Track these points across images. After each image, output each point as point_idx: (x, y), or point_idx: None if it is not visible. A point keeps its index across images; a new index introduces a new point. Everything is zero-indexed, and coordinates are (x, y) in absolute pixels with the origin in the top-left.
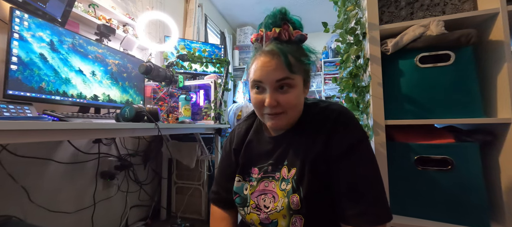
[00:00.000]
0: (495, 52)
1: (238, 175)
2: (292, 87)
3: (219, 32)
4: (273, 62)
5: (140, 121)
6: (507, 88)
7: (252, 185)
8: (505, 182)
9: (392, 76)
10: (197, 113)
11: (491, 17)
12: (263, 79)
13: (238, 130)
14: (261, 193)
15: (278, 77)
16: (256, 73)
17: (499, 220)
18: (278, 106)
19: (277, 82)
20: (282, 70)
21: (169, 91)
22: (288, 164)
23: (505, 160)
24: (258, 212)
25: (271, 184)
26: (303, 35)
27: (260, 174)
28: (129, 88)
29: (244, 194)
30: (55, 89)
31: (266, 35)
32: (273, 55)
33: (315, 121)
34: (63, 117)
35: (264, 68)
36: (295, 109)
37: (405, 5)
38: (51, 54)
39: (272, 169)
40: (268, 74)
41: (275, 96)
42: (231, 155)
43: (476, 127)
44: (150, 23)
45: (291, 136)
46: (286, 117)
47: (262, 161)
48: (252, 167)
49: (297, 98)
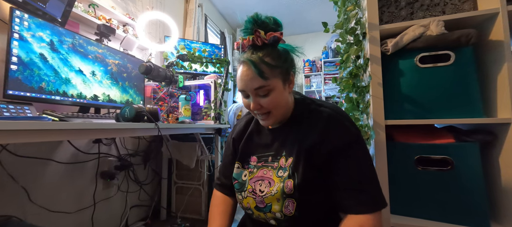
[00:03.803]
0: (495, 52)
1: (237, 162)
2: (270, 90)
3: (219, 32)
4: (249, 71)
5: (140, 121)
6: (507, 88)
7: (251, 171)
8: (505, 182)
9: (392, 76)
10: (197, 113)
11: (491, 17)
12: (244, 88)
13: (239, 123)
14: (259, 179)
15: (255, 86)
16: (239, 82)
17: (499, 220)
18: (262, 108)
19: (256, 90)
20: (258, 80)
21: (169, 91)
22: (286, 155)
23: (505, 160)
24: (253, 196)
25: (269, 172)
26: (276, 36)
27: (260, 162)
28: (129, 88)
29: (242, 180)
30: (55, 89)
31: (243, 44)
32: (248, 65)
33: (312, 117)
34: (63, 117)
35: (243, 78)
36: (279, 108)
37: (405, 5)
38: (51, 54)
39: (272, 159)
40: (246, 83)
41: (257, 101)
42: (230, 145)
43: (476, 127)
44: (150, 23)
45: (288, 129)
46: (273, 115)
47: (261, 150)
48: (251, 156)
49: (277, 99)
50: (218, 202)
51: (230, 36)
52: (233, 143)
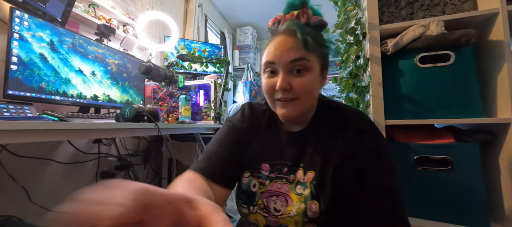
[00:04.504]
0: (495, 52)
1: (247, 170)
2: (308, 70)
3: (219, 32)
4: (288, 41)
5: (140, 121)
6: (507, 88)
7: (262, 183)
8: (505, 182)
9: (392, 76)
10: (197, 113)
11: (491, 17)
12: (276, 59)
13: (250, 112)
14: (273, 194)
15: (293, 57)
16: (269, 54)
17: (499, 220)
18: (291, 90)
19: (292, 63)
20: (298, 50)
21: (169, 91)
22: (304, 166)
23: (505, 160)
24: (266, 214)
25: (284, 186)
26: (323, 21)
27: (274, 173)
28: (129, 88)
29: (251, 191)
30: (55, 89)
31: (284, 18)
32: (289, 34)
33: (339, 126)
34: (63, 117)
35: (278, 48)
36: (309, 96)
37: (405, 5)
38: (51, 54)
39: (288, 170)
40: (282, 53)
41: (288, 79)
42: (235, 134)
43: (476, 127)
44: (150, 23)
45: (307, 134)
46: (299, 104)
47: (274, 157)
48: (263, 163)
49: (312, 83)
50: (188, 177)
51: (230, 36)
52: (241, 134)
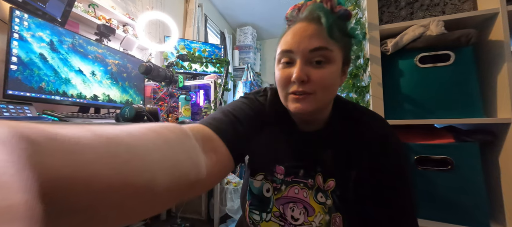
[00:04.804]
0: (495, 52)
1: (260, 172)
2: (330, 62)
3: (219, 32)
4: (310, 27)
5: (140, 121)
6: (507, 88)
7: (277, 187)
8: (505, 182)
9: (392, 76)
10: (197, 113)
11: (491, 17)
12: (294, 47)
13: (275, 99)
14: (290, 200)
15: (314, 45)
16: (285, 43)
17: (499, 220)
18: (308, 83)
19: (312, 52)
20: (320, 38)
21: (169, 91)
22: (323, 172)
23: (505, 160)
24: (282, 222)
25: (302, 192)
26: (348, 11)
27: (289, 176)
28: (129, 88)
29: (264, 196)
30: (55, 89)
31: (305, 5)
32: (311, 20)
33: (356, 126)
34: (63, 117)
35: (298, 34)
36: (327, 92)
37: (405, 5)
38: (51, 54)
39: (304, 174)
40: (301, 40)
41: (306, 70)
42: (263, 117)
43: (476, 127)
44: (150, 23)
45: (325, 136)
46: (315, 100)
47: (289, 159)
48: (277, 165)
49: (332, 77)
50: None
51: (230, 36)
52: (259, 116)
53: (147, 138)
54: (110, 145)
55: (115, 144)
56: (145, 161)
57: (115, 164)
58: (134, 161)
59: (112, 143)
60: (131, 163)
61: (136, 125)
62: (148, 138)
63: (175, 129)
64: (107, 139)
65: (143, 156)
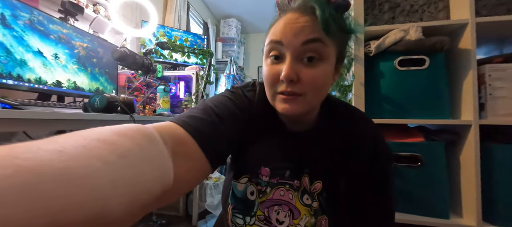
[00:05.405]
0: (463, 59)
1: (244, 175)
2: (323, 59)
3: (202, 22)
4: (302, 18)
5: (113, 112)
6: (471, 92)
7: (261, 190)
8: (464, 178)
9: (373, 77)
10: (176, 106)
11: (462, 27)
12: (284, 38)
13: (263, 96)
14: (275, 203)
15: (306, 37)
16: (275, 33)
17: (456, 211)
18: (298, 83)
19: (304, 45)
20: (314, 30)
21: (146, 80)
22: (310, 173)
23: (465, 158)
24: (267, 226)
25: (288, 193)
26: (346, 1)
27: (275, 178)
28: (99, 75)
29: (248, 199)
30: (7, 72)
31: None
32: (304, 10)
33: (346, 127)
34: (17, 104)
35: (288, 24)
36: (318, 93)
37: (388, 9)
38: (2, 30)
39: (290, 175)
40: (292, 32)
41: (296, 68)
42: (249, 116)
43: (443, 128)
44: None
45: (314, 136)
46: (304, 101)
47: (275, 160)
48: (262, 166)
49: (325, 77)
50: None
51: (214, 27)
52: (246, 115)
53: (93, 154)
54: (26, 177)
55: (36, 174)
56: (88, 188)
57: (35, 204)
58: (68, 192)
59: (32, 173)
60: (63, 196)
61: (79, 136)
62: (95, 154)
63: (136, 134)
64: (28, 169)
65: (83, 183)
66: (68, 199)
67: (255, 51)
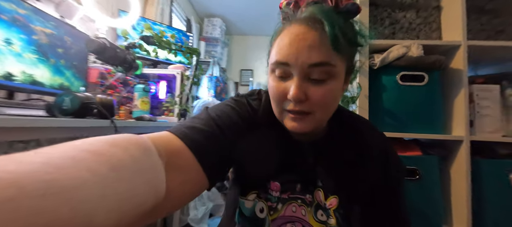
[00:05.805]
0: (456, 78)
1: (253, 191)
2: (332, 77)
3: (185, 19)
4: (310, 34)
5: (86, 117)
6: (463, 109)
7: (272, 206)
8: (454, 191)
9: (376, 90)
10: (156, 108)
11: (455, 48)
12: (291, 60)
13: (269, 107)
14: (287, 220)
15: (314, 60)
16: (280, 52)
17: (448, 222)
18: (306, 102)
19: (311, 68)
20: (322, 50)
21: (123, 78)
22: (324, 187)
23: (456, 172)
24: None
25: (300, 209)
26: (356, 5)
27: (286, 193)
28: (65, 69)
29: (257, 217)
30: None
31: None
32: (312, 24)
33: (357, 138)
34: None
35: (295, 43)
36: (327, 110)
37: (388, 24)
38: None
39: (302, 189)
40: (299, 52)
41: (304, 87)
42: (253, 127)
43: (435, 142)
44: None
45: (325, 147)
46: (314, 119)
47: (285, 173)
48: (271, 181)
49: (334, 94)
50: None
51: (197, 25)
52: (244, 130)
53: (83, 166)
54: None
55: (18, 187)
56: (75, 202)
57: (17, 221)
58: (53, 206)
59: (14, 187)
60: (48, 211)
61: (68, 147)
62: (85, 166)
63: (130, 144)
64: (10, 183)
65: (71, 197)
66: (53, 214)
67: (239, 53)
